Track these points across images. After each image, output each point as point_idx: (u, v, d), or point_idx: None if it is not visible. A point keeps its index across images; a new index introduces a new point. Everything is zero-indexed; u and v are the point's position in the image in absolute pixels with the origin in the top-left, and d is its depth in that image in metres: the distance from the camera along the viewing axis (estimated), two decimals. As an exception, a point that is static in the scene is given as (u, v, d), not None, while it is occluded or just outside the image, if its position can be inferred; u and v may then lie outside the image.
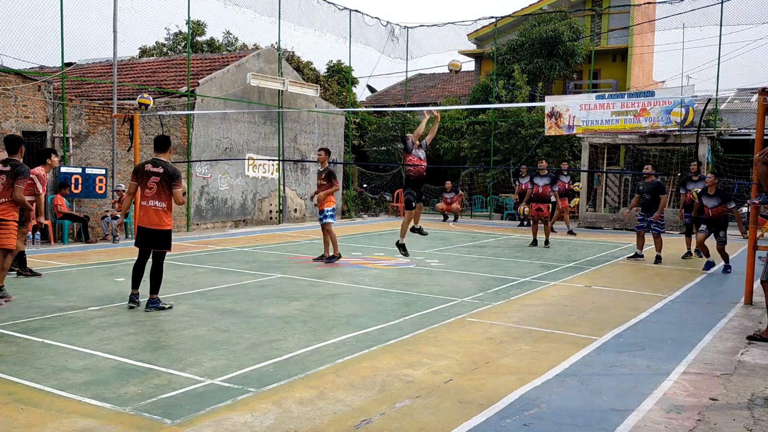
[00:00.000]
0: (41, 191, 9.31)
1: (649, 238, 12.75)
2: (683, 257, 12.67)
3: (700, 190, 11.82)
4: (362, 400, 4.68)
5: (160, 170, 7.43)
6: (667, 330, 6.97)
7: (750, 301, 8.37)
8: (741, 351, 6.18)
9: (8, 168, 7.86)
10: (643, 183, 12.60)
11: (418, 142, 10.14)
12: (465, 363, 5.61)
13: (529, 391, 4.91)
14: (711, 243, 11.42)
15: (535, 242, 14.56)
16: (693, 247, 12.60)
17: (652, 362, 5.74)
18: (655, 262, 12.14)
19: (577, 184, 19.72)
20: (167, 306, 7.61)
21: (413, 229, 10.45)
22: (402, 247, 10.49)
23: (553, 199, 15.01)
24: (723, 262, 11.33)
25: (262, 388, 4.87)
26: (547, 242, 14.45)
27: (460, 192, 22.73)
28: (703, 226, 11.37)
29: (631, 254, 12.79)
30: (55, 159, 9.70)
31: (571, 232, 17.35)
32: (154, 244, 7.59)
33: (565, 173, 17.58)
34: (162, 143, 7.68)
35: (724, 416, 4.50)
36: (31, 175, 9.28)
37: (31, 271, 9.56)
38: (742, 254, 12.65)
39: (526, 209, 14.88)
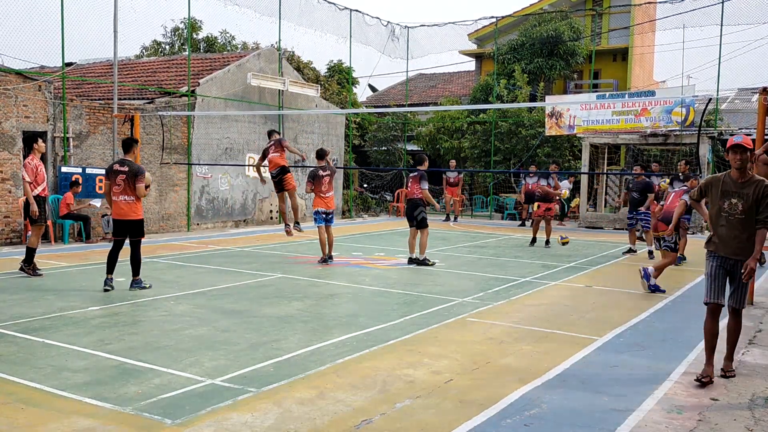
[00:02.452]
0: (27, 179, 9.36)
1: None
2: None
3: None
4: (363, 400, 4.68)
5: (126, 169, 8.52)
6: (667, 330, 6.97)
7: (751, 301, 8.36)
8: (742, 351, 6.17)
9: None
10: (633, 181, 13.33)
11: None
12: (466, 363, 5.61)
13: (530, 391, 4.91)
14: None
15: (534, 241, 14.57)
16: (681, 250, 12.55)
17: (653, 362, 5.74)
18: (649, 257, 12.71)
19: (663, 181, 19.58)
20: (148, 286, 8.63)
21: (412, 260, 11.37)
22: (422, 261, 11.27)
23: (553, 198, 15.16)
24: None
25: (263, 388, 4.86)
26: (547, 242, 14.45)
27: (461, 174, 22.26)
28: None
29: (626, 250, 13.54)
30: (41, 144, 9.79)
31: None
32: (129, 233, 8.59)
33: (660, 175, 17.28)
34: (127, 145, 8.85)
35: (724, 416, 4.50)
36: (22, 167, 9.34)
37: (33, 270, 9.57)
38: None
39: (534, 207, 15.06)
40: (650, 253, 12.87)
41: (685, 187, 10.40)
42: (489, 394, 4.82)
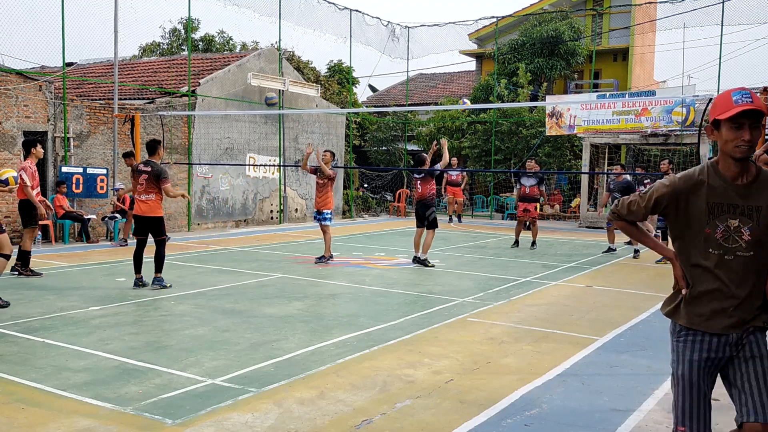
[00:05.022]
0: (27, 183, 9.36)
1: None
2: (657, 261, 12.20)
3: None
4: (363, 400, 4.68)
5: (149, 169, 8.77)
6: (667, 330, 6.95)
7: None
8: (742, 351, 6.17)
9: None
10: (614, 182, 13.17)
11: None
12: (466, 363, 5.61)
13: (530, 391, 4.91)
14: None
15: (516, 243, 14.13)
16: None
17: (654, 362, 5.73)
18: (634, 257, 12.80)
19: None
20: (168, 285, 8.76)
21: (417, 259, 11.34)
22: (424, 261, 11.24)
23: (541, 199, 14.93)
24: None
25: (263, 388, 4.86)
26: (533, 243, 14.00)
27: (464, 173, 21.87)
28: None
29: (605, 249, 13.45)
30: (40, 149, 9.81)
31: None
32: (150, 231, 8.85)
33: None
34: (150, 147, 9.01)
35: (725, 416, 4.49)
36: (18, 171, 9.36)
37: (32, 271, 9.57)
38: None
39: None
40: (636, 251, 12.89)
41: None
42: (489, 394, 4.82)
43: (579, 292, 9.16)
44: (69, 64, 16.41)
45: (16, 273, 9.52)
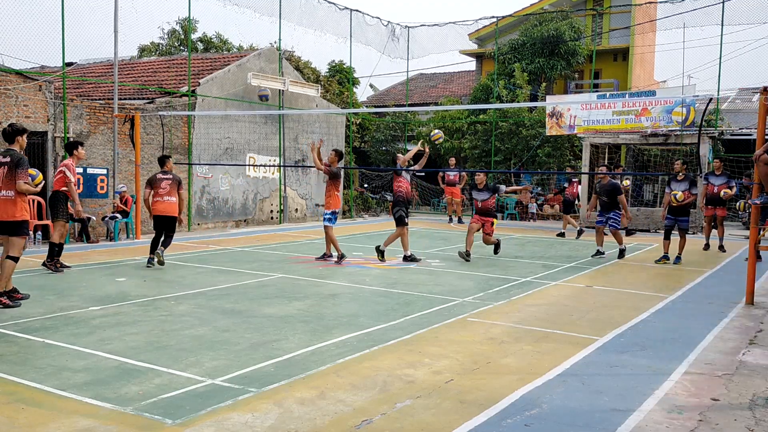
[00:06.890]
0: (72, 179, 9.89)
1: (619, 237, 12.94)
2: (656, 261, 12.17)
3: (679, 193, 11.95)
4: (363, 400, 4.68)
5: (170, 177, 10.69)
6: (668, 330, 6.96)
7: (751, 301, 8.36)
8: (742, 351, 6.17)
9: (8, 159, 7.54)
10: (600, 185, 12.84)
11: (406, 165, 12.14)
12: (466, 363, 5.61)
13: (530, 391, 4.91)
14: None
15: (467, 254, 12.08)
16: (668, 250, 12.13)
17: (654, 362, 5.73)
18: (619, 257, 12.57)
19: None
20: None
21: (407, 258, 11.67)
22: (381, 254, 11.62)
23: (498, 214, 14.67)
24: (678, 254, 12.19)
25: (263, 388, 4.86)
26: (496, 249, 12.55)
27: (463, 173, 21.60)
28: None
29: (594, 253, 12.83)
30: (82, 151, 10.47)
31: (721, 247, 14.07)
32: (168, 227, 10.64)
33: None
34: (163, 161, 10.93)
35: (725, 416, 4.49)
36: (61, 167, 10.04)
37: (61, 264, 10.14)
38: (743, 254, 12.63)
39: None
40: (621, 252, 12.57)
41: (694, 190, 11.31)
42: (489, 394, 4.82)
43: (579, 292, 9.16)
44: (69, 64, 16.41)
45: (46, 268, 9.98)
